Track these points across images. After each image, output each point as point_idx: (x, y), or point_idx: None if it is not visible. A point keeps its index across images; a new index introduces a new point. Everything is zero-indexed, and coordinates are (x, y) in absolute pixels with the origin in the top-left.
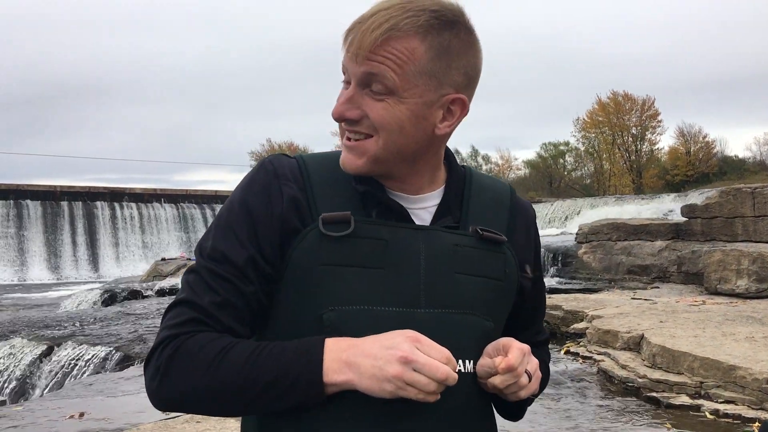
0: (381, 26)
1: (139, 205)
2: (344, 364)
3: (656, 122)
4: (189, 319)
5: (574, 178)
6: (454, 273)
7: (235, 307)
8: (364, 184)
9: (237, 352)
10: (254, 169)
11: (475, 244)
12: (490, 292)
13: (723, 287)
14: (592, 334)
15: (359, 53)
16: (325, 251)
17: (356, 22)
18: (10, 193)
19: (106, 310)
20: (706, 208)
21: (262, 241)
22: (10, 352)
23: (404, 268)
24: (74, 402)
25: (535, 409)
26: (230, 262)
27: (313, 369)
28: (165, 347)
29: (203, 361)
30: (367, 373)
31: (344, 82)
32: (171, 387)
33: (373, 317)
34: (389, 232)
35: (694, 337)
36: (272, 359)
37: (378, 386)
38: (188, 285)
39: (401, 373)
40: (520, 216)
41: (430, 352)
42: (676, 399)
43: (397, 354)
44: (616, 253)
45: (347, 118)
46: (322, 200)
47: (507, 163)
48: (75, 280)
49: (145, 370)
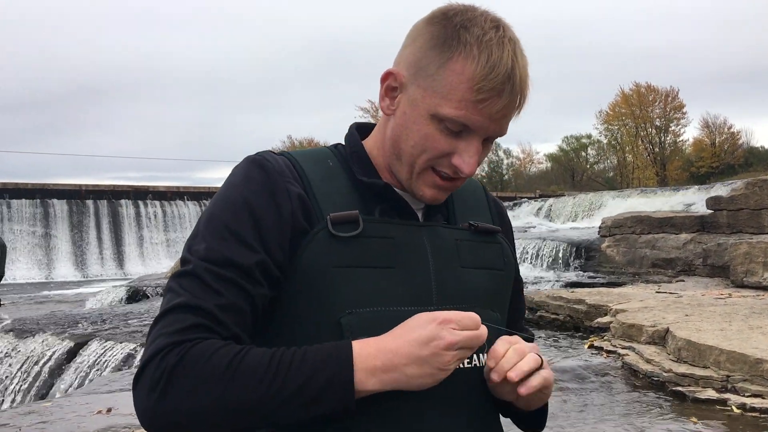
0: (525, 90)
1: (163, 203)
2: (381, 371)
3: (681, 114)
4: (193, 325)
5: (597, 171)
6: (459, 267)
7: (241, 311)
8: (376, 184)
9: (253, 358)
10: (246, 166)
11: (472, 238)
12: (493, 282)
13: (749, 280)
14: (616, 329)
15: (507, 117)
16: (336, 253)
17: (504, 78)
18: (37, 192)
19: (131, 307)
20: (732, 199)
21: (271, 243)
22: (38, 349)
23: (414, 266)
24: (101, 397)
25: (559, 404)
26: (234, 264)
27: (345, 374)
28: (165, 356)
29: (216, 369)
30: (416, 374)
31: (462, 132)
32: (176, 401)
33: (391, 318)
34: (395, 229)
35: (720, 330)
36: (296, 365)
37: (431, 380)
38: (183, 289)
39: (452, 359)
40: (496, 209)
41: (463, 323)
42: (702, 393)
43: (441, 344)
44: (640, 246)
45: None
46: (323, 199)
47: (528, 156)
48: (101, 277)
49: (137, 384)
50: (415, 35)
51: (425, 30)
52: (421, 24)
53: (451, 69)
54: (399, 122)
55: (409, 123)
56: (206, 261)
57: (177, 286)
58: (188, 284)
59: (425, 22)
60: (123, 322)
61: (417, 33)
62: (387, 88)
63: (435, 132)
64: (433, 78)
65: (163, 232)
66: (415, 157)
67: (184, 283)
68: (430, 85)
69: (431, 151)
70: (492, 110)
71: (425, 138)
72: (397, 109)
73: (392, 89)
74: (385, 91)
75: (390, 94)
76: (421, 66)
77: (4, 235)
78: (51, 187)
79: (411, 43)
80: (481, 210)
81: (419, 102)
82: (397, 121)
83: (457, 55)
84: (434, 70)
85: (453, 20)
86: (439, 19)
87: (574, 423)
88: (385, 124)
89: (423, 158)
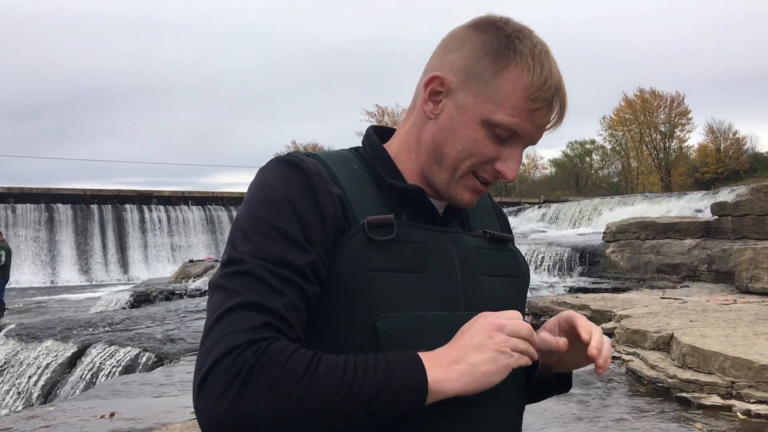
0: (567, 103)
1: (167, 208)
2: (448, 363)
3: (686, 119)
4: (264, 324)
5: (601, 176)
6: (480, 275)
7: (301, 311)
8: (409, 189)
9: (329, 363)
10: (281, 168)
11: (488, 245)
12: (511, 289)
13: (754, 286)
14: (621, 334)
15: (547, 128)
16: (372, 256)
17: (555, 91)
18: (42, 197)
19: (136, 312)
20: (737, 205)
21: (317, 243)
22: (42, 353)
23: (444, 271)
24: (105, 402)
25: (564, 410)
26: (288, 264)
27: (419, 378)
28: (241, 353)
29: (297, 368)
30: (478, 361)
31: (508, 139)
32: (253, 403)
33: (424, 322)
34: (425, 234)
35: (725, 336)
36: (371, 371)
37: (494, 366)
38: (241, 288)
39: (505, 339)
40: (502, 216)
41: (515, 331)
42: (707, 399)
43: (491, 326)
44: (645, 252)
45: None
46: (355, 202)
47: (533, 162)
48: (105, 282)
49: (203, 386)
50: (460, 42)
51: (474, 37)
52: (465, 31)
53: (506, 77)
54: (444, 126)
55: (458, 128)
56: (262, 260)
57: (232, 285)
58: (246, 283)
59: (472, 30)
60: (127, 326)
61: (463, 40)
62: (431, 92)
63: (484, 137)
64: (487, 84)
65: (167, 236)
66: (461, 162)
67: (242, 282)
68: (483, 91)
69: (478, 156)
70: (542, 120)
71: (474, 143)
72: (441, 114)
73: (436, 93)
74: (429, 94)
75: (434, 98)
76: (473, 72)
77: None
78: (56, 191)
79: (457, 49)
80: (489, 216)
81: (470, 107)
82: (441, 125)
83: (514, 65)
84: (488, 77)
85: (504, 30)
86: (488, 27)
87: (578, 428)
88: (420, 127)
89: (468, 162)
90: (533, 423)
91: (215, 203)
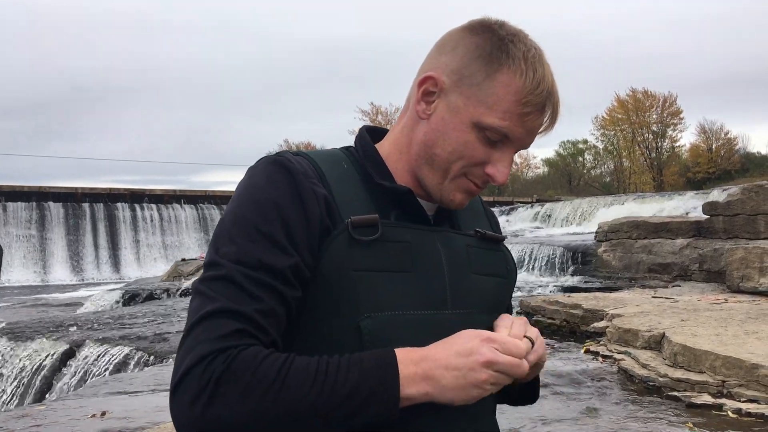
0: (560, 109)
1: (159, 207)
2: (420, 378)
3: (678, 119)
4: (236, 331)
5: (594, 176)
6: (470, 273)
7: (278, 316)
8: (398, 189)
9: (301, 366)
10: (268, 168)
11: (479, 245)
12: (498, 289)
13: (745, 285)
14: (612, 333)
15: (539, 132)
16: (356, 256)
17: (547, 95)
18: (33, 195)
19: (127, 311)
20: (728, 205)
21: (301, 245)
22: (33, 352)
23: (430, 270)
24: (96, 401)
25: (555, 409)
26: (268, 267)
27: (390, 382)
28: (210, 363)
29: (266, 375)
30: (450, 384)
31: (499, 142)
32: (223, 409)
33: (408, 322)
34: (411, 234)
35: (716, 335)
36: (343, 373)
37: (464, 394)
38: (217, 293)
39: (487, 378)
40: (492, 218)
41: (507, 347)
42: (698, 398)
43: (480, 359)
44: (637, 251)
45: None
46: (342, 201)
47: (525, 161)
48: (96, 280)
49: (175, 394)
50: (454, 43)
51: (468, 39)
52: (460, 33)
53: (498, 80)
54: (435, 127)
55: (448, 129)
56: (240, 264)
57: (210, 291)
58: (223, 289)
59: (466, 32)
60: (118, 325)
61: (457, 41)
62: (424, 92)
63: (474, 140)
64: (479, 87)
65: (159, 235)
66: (451, 163)
67: (218, 288)
68: (474, 93)
69: (468, 159)
70: (533, 124)
71: (464, 145)
72: (433, 114)
73: (429, 93)
74: (422, 95)
75: (426, 99)
76: (465, 74)
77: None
78: (47, 189)
79: (451, 51)
80: (479, 217)
81: (461, 109)
82: (433, 126)
83: (506, 68)
84: (480, 80)
85: (498, 33)
86: (482, 30)
87: (569, 428)
88: (412, 127)
89: (458, 165)
90: (523, 422)
91: (207, 202)
